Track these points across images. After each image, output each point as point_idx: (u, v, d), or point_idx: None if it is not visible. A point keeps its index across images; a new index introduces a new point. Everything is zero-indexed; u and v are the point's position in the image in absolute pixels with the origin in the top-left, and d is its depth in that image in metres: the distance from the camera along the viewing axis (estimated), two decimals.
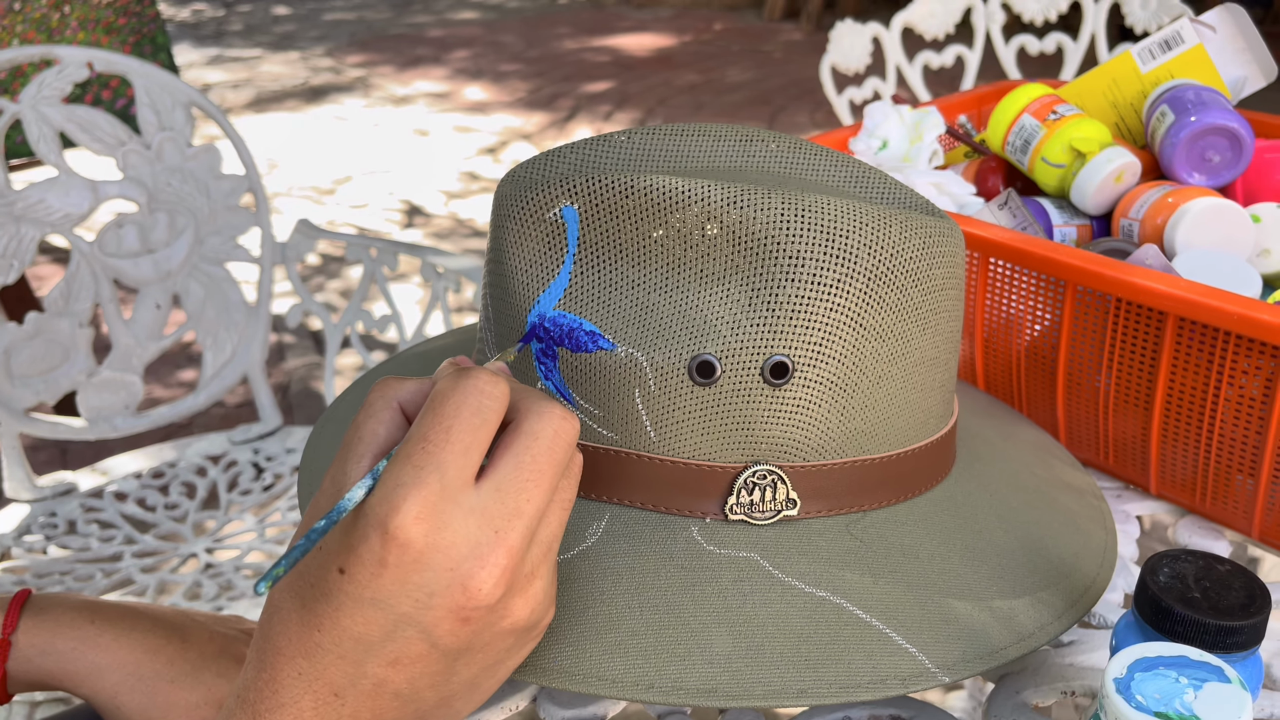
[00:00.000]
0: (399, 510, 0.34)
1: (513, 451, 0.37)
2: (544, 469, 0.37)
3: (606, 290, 0.46)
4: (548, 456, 0.37)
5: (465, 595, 0.35)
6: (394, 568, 0.35)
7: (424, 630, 0.36)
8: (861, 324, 0.45)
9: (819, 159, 0.52)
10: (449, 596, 0.35)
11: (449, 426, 0.36)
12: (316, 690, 0.37)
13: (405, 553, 0.35)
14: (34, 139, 1.20)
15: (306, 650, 0.36)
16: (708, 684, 0.42)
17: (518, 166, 0.50)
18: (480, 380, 0.37)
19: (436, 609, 0.35)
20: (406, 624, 0.36)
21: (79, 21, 1.70)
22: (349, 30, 5.85)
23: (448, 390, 0.37)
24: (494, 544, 0.36)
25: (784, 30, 5.46)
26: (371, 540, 0.35)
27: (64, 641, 0.56)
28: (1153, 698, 0.36)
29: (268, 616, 0.38)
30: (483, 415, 0.37)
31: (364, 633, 0.36)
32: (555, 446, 0.38)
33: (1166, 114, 0.71)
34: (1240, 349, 0.54)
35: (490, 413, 0.37)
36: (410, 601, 0.35)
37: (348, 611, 0.36)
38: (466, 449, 0.36)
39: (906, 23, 1.70)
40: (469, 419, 0.36)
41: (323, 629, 0.36)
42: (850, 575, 0.46)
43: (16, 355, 1.20)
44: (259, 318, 1.34)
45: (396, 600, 0.35)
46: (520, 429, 0.38)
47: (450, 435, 0.36)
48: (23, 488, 1.22)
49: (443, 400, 0.37)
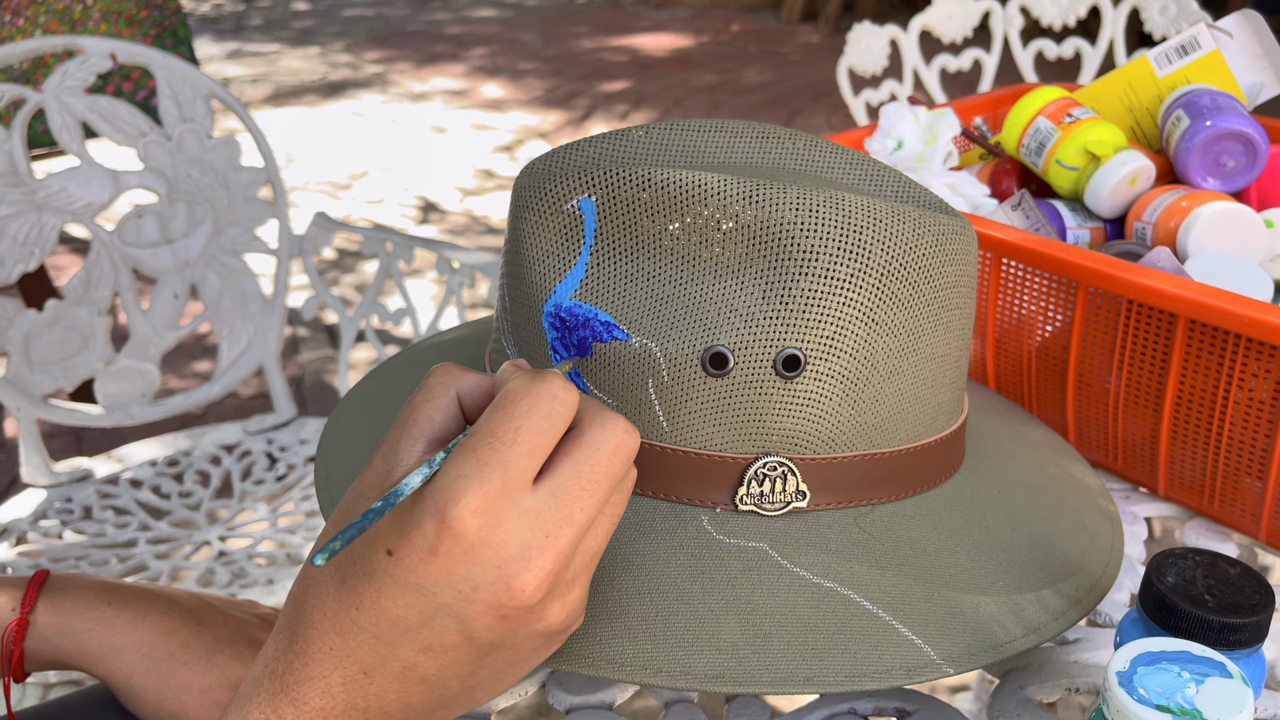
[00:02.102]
0: (458, 501, 0.35)
1: (573, 459, 0.37)
2: (601, 480, 0.38)
3: (622, 282, 0.47)
4: (606, 468, 0.38)
5: (508, 594, 0.36)
6: (444, 557, 0.35)
7: (461, 622, 0.36)
8: (874, 319, 0.46)
9: (834, 156, 0.52)
10: (492, 593, 0.36)
11: (518, 426, 0.36)
12: (346, 667, 0.37)
13: (457, 544, 0.35)
14: (56, 129, 1.21)
15: (342, 627, 0.37)
16: (715, 670, 0.42)
17: (537, 159, 0.51)
18: (554, 385, 0.38)
19: (478, 603, 0.36)
20: (445, 613, 0.36)
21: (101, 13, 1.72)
22: (368, 26, 5.88)
23: (521, 391, 0.37)
24: (543, 548, 0.36)
25: (802, 32, 5.46)
26: (426, 526, 0.35)
27: (81, 622, 0.56)
28: (1155, 691, 0.36)
29: (303, 590, 0.38)
30: (551, 420, 0.37)
31: (402, 616, 0.36)
32: (615, 459, 0.38)
33: (1182, 118, 0.71)
34: (1250, 352, 0.54)
35: (559, 419, 0.37)
36: (453, 592, 0.36)
37: (389, 593, 0.36)
38: (531, 451, 0.36)
39: (924, 25, 1.70)
40: (539, 422, 0.37)
41: (361, 607, 0.36)
42: (858, 567, 0.46)
43: (36, 342, 1.21)
44: (275, 309, 1.35)
45: (440, 589, 0.36)
46: (583, 437, 0.38)
47: (518, 435, 0.36)
48: (40, 473, 1.23)
49: (515, 400, 0.37)
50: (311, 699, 0.37)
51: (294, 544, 1.15)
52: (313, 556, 0.34)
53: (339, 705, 0.37)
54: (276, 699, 0.37)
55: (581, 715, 0.49)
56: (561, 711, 0.50)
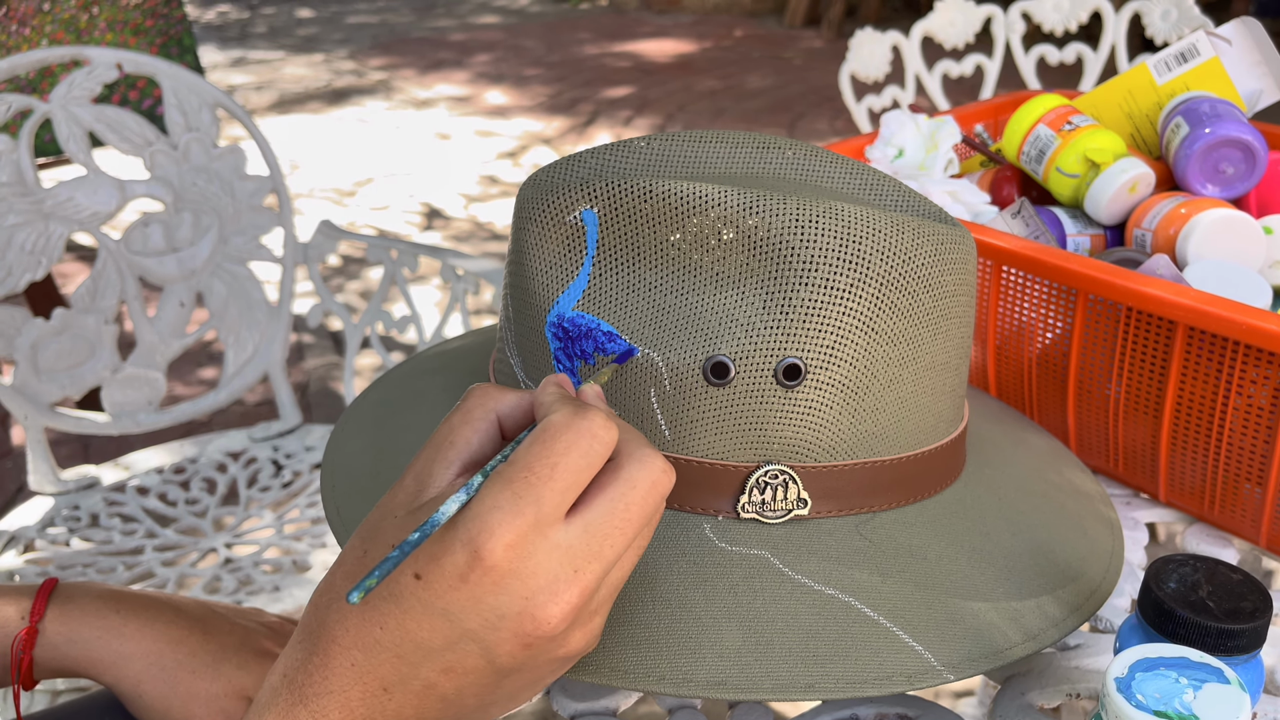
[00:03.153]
0: (492, 534, 0.35)
1: (608, 496, 0.38)
2: (634, 518, 0.38)
3: (624, 292, 0.47)
4: (640, 507, 0.38)
5: (534, 624, 0.36)
6: (473, 586, 0.36)
7: (485, 648, 0.37)
8: (874, 328, 0.46)
9: (834, 166, 0.53)
10: (518, 622, 0.36)
11: (556, 463, 0.36)
12: (367, 683, 0.37)
13: (487, 575, 0.35)
14: (63, 138, 1.22)
15: (364, 645, 0.37)
16: (717, 677, 0.43)
17: (539, 171, 0.51)
18: (595, 424, 0.38)
19: (503, 631, 0.36)
20: (470, 639, 0.37)
21: (107, 22, 1.73)
22: (372, 33, 5.89)
23: (561, 427, 0.37)
24: (570, 581, 0.36)
25: (805, 37, 5.47)
26: (457, 555, 0.35)
27: (89, 630, 0.57)
28: (1153, 697, 0.36)
29: (325, 604, 0.39)
30: (589, 459, 0.37)
31: (426, 639, 0.37)
32: (650, 497, 0.38)
33: (1181, 126, 0.72)
34: (1249, 359, 0.54)
35: (597, 456, 0.37)
36: (479, 620, 0.36)
37: (415, 616, 0.36)
38: (566, 488, 0.37)
39: (926, 31, 1.70)
40: (576, 460, 0.37)
41: (385, 627, 0.37)
42: (859, 574, 0.47)
43: (43, 350, 1.22)
44: (280, 317, 1.35)
45: (466, 616, 0.36)
46: (620, 474, 0.38)
47: (555, 472, 0.36)
48: (47, 481, 1.24)
49: (555, 435, 0.37)
50: (331, 712, 0.38)
51: (300, 551, 1.16)
52: (348, 595, 0.34)
53: (357, 718, 0.38)
54: (295, 710, 0.38)
55: None
56: (566, 718, 0.51)
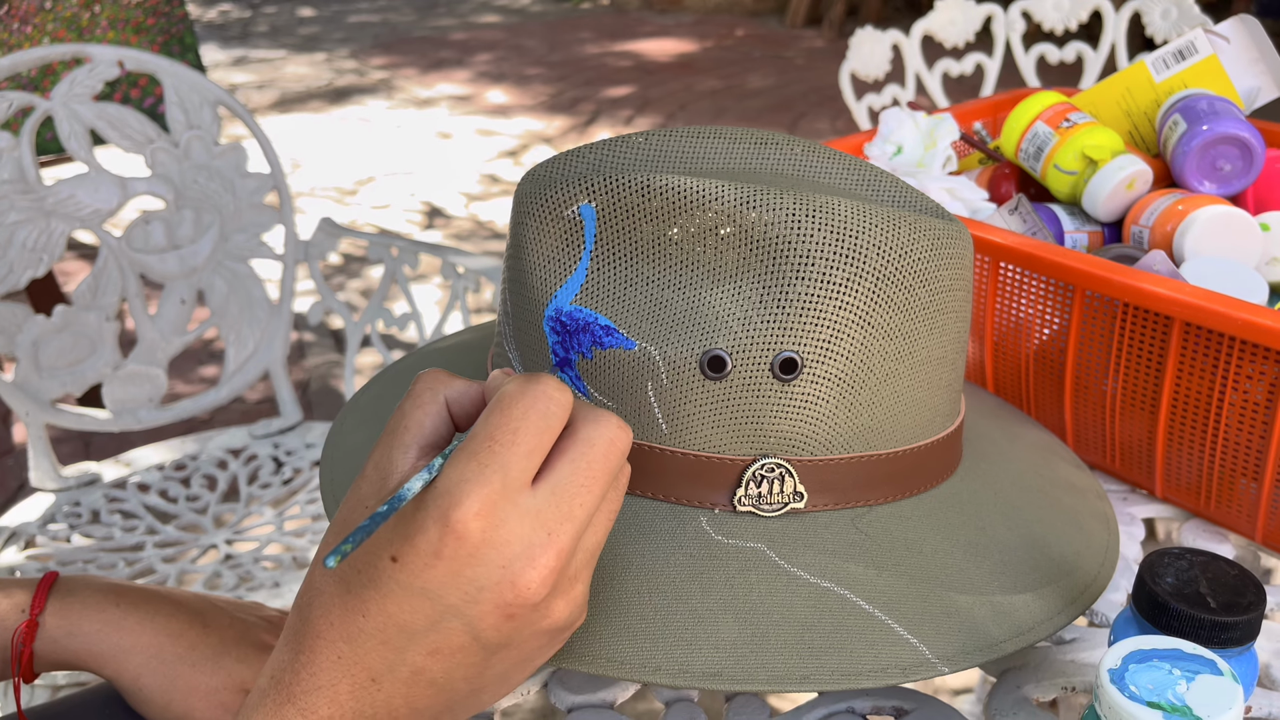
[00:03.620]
0: (460, 505, 0.36)
1: (569, 457, 0.38)
2: (597, 475, 0.38)
3: (622, 286, 0.47)
4: (602, 463, 0.39)
5: (514, 592, 0.37)
6: (449, 560, 0.36)
7: (468, 623, 0.37)
8: (870, 322, 0.47)
9: (832, 162, 0.53)
10: (497, 592, 0.36)
11: (516, 428, 0.37)
12: (355, 674, 0.38)
13: (461, 546, 0.36)
14: (65, 136, 1.22)
15: (349, 635, 0.37)
16: (713, 668, 0.43)
17: (538, 166, 0.51)
18: (549, 386, 0.38)
19: (484, 603, 0.37)
20: (452, 615, 0.37)
21: (109, 21, 1.73)
22: (373, 32, 5.90)
23: (517, 393, 0.38)
24: (546, 545, 0.37)
25: (806, 36, 5.47)
26: (430, 531, 0.36)
27: (90, 623, 0.57)
28: (1146, 688, 0.37)
29: (307, 600, 0.39)
30: (548, 420, 0.38)
31: (409, 621, 0.37)
32: (610, 454, 0.39)
33: (1179, 123, 0.72)
34: (1245, 354, 0.55)
35: (555, 419, 0.38)
36: (459, 594, 0.36)
37: (396, 599, 0.37)
38: (530, 451, 0.37)
39: (927, 30, 1.70)
40: (536, 422, 0.37)
41: (368, 614, 0.37)
42: (854, 567, 0.47)
43: (44, 347, 1.22)
44: (281, 314, 1.36)
45: (446, 592, 0.36)
46: (577, 435, 0.39)
47: (517, 437, 0.37)
48: (48, 477, 1.24)
49: (512, 402, 0.38)
50: (320, 708, 0.38)
51: (300, 547, 1.16)
52: (325, 559, 0.34)
53: (347, 713, 0.38)
54: (284, 709, 0.38)
55: (583, 714, 0.50)
56: (564, 711, 0.51)
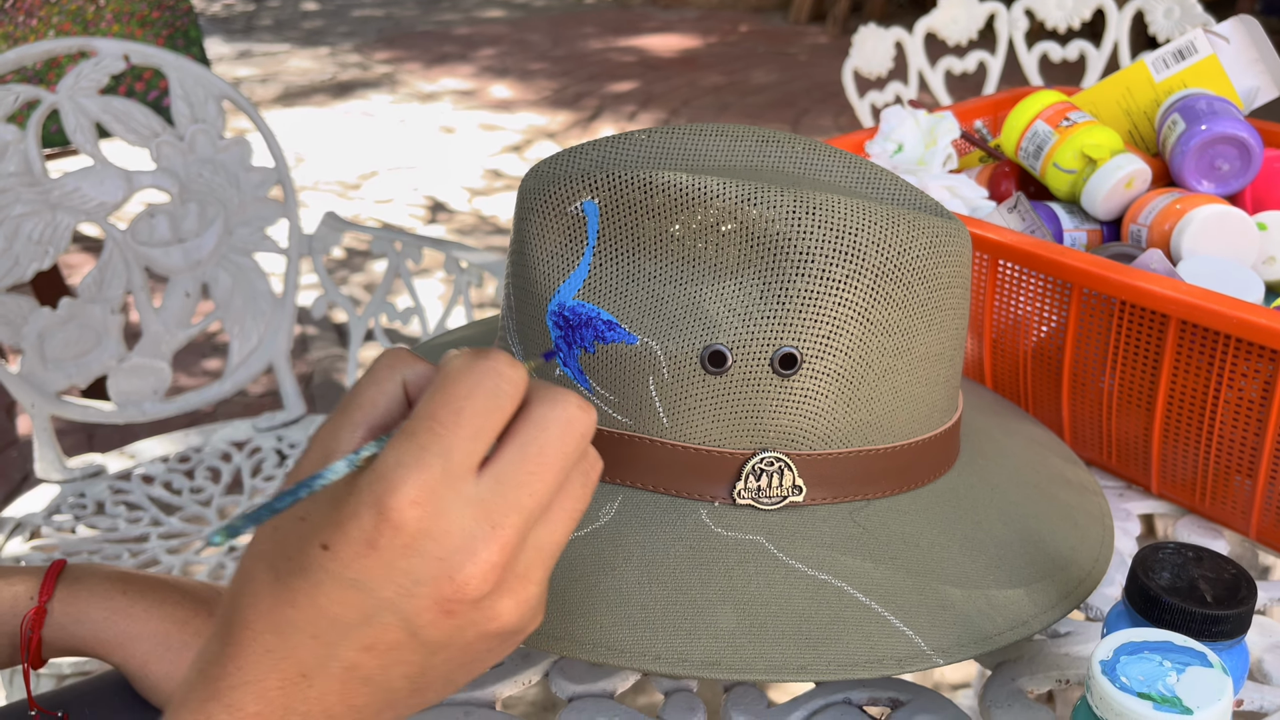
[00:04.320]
0: (397, 490, 0.32)
1: (519, 441, 0.35)
2: (550, 461, 0.35)
3: (624, 282, 0.48)
4: (556, 448, 0.35)
5: (452, 587, 0.33)
6: (383, 550, 0.33)
7: (404, 618, 0.34)
8: (869, 319, 0.47)
9: (832, 160, 0.53)
10: (435, 587, 0.33)
11: (460, 408, 0.34)
12: (284, 670, 0.34)
13: (397, 536, 0.33)
14: (70, 129, 1.23)
15: (277, 626, 0.34)
16: (711, 657, 0.44)
17: (542, 162, 0.52)
18: (499, 362, 0.35)
19: (420, 598, 0.34)
20: (387, 610, 0.34)
21: (114, 14, 1.74)
22: (377, 27, 5.90)
23: (463, 369, 0.34)
24: (488, 538, 0.34)
25: (810, 33, 5.47)
26: (363, 518, 0.33)
27: (97, 611, 0.58)
28: (1136, 679, 0.37)
29: (238, 587, 0.36)
30: (497, 399, 0.34)
31: (341, 614, 0.34)
32: (565, 438, 0.35)
33: (1178, 122, 0.72)
34: (1240, 352, 0.55)
35: (505, 398, 0.34)
36: (394, 587, 0.33)
37: (326, 590, 0.33)
38: (475, 434, 0.34)
39: (929, 28, 1.71)
40: (482, 401, 0.34)
41: (297, 605, 0.34)
42: (851, 560, 0.48)
43: (50, 340, 1.23)
44: (285, 308, 1.36)
45: (379, 584, 0.33)
46: (529, 416, 0.35)
47: (460, 417, 0.33)
48: (53, 469, 1.25)
49: (456, 379, 0.34)
50: (247, 704, 0.34)
51: None
52: (212, 535, 0.31)
53: (277, 709, 0.35)
54: (208, 705, 0.34)
55: (583, 703, 0.51)
56: (564, 700, 0.52)
